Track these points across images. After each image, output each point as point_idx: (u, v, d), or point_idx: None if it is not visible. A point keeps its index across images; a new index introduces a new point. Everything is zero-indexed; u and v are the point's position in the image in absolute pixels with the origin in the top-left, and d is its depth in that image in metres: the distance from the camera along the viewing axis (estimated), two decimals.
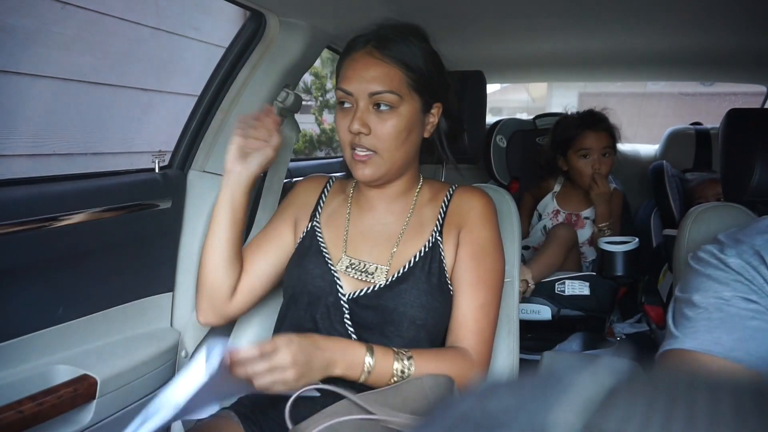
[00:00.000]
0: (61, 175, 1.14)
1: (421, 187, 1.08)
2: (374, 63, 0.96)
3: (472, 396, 0.22)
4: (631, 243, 1.88)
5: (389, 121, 0.96)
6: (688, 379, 0.20)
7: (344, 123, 0.97)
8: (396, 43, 0.97)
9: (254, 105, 1.30)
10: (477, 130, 1.39)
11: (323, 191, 1.12)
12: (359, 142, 0.96)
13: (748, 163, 1.02)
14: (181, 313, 1.31)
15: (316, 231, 1.06)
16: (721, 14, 1.45)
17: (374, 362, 0.88)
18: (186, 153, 1.34)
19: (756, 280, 0.73)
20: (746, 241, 0.77)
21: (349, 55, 0.99)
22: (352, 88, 0.96)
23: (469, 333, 0.96)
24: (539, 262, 1.80)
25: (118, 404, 1.09)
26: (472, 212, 1.02)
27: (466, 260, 0.99)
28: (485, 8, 1.44)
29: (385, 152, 0.97)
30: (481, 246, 1.00)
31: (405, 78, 0.97)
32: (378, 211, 1.06)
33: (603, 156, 1.96)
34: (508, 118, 2.53)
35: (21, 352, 0.99)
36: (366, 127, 0.95)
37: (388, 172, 1.00)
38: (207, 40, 2.69)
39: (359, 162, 0.97)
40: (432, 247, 1.01)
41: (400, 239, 1.02)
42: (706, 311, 0.75)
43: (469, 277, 0.98)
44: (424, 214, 1.05)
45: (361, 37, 1.00)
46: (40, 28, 2.03)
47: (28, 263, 0.99)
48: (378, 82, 0.95)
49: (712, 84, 3.93)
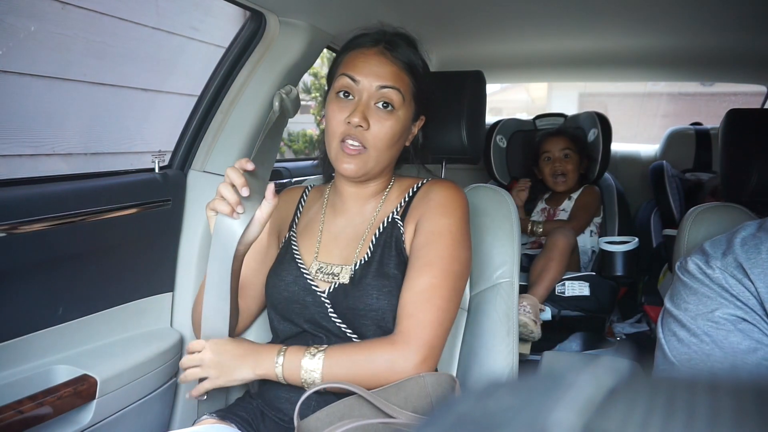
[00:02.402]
0: (61, 175, 1.14)
1: (391, 187, 1.08)
2: (386, 62, 0.97)
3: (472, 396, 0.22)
4: (631, 243, 1.89)
5: (388, 121, 0.97)
6: (688, 379, 0.20)
7: (342, 114, 0.96)
8: (405, 49, 1.00)
9: (254, 105, 1.31)
10: (477, 130, 1.39)
11: (300, 201, 1.14)
12: (354, 134, 0.96)
13: (748, 163, 1.02)
14: (181, 313, 1.31)
15: (291, 240, 1.07)
16: (722, 14, 1.45)
17: (283, 360, 0.91)
18: (186, 153, 1.34)
19: (742, 295, 0.72)
20: (730, 252, 0.76)
21: (358, 49, 0.99)
22: (362, 76, 0.96)
23: (405, 317, 0.90)
24: (543, 283, 1.83)
25: (118, 404, 1.09)
26: (432, 202, 1.00)
27: (417, 247, 0.96)
28: (485, 8, 1.44)
29: (375, 150, 0.97)
30: (435, 232, 0.96)
31: (410, 84, 0.99)
32: (350, 213, 1.07)
33: (565, 158, 2.18)
34: (508, 118, 2.53)
35: (21, 352, 0.99)
36: (366, 122, 0.95)
37: (371, 171, 1.00)
38: (207, 40, 2.69)
39: (348, 155, 0.97)
40: (390, 226, 1.01)
41: (366, 237, 1.03)
42: (697, 337, 0.74)
43: (416, 263, 0.94)
44: (389, 209, 1.05)
45: (368, 35, 1.00)
46: (40, 28, 2.03)
47: (28, 263, 0.99)
48: (388, 78, 0.96)
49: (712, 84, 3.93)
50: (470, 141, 1.36)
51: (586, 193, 2.19)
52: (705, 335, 0.73)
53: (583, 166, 2.22)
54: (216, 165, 1.33)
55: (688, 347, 0.75)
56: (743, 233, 0.78)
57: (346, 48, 1.02)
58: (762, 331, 0.71)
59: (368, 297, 0.95)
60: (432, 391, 0.88)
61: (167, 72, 2.65)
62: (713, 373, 0.21)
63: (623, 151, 2.78)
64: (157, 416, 1.22)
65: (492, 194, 1.18)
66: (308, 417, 0.87)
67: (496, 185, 1.34)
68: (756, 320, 0.71)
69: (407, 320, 0.90)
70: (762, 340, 0.71)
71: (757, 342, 0.71)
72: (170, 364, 1.24)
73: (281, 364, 0.91)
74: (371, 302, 0.94)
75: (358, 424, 0.83)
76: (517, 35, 1.78)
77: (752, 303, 0.72)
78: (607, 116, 2.31)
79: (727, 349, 0.72)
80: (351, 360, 0.89)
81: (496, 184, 2.06)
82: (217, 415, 0.97)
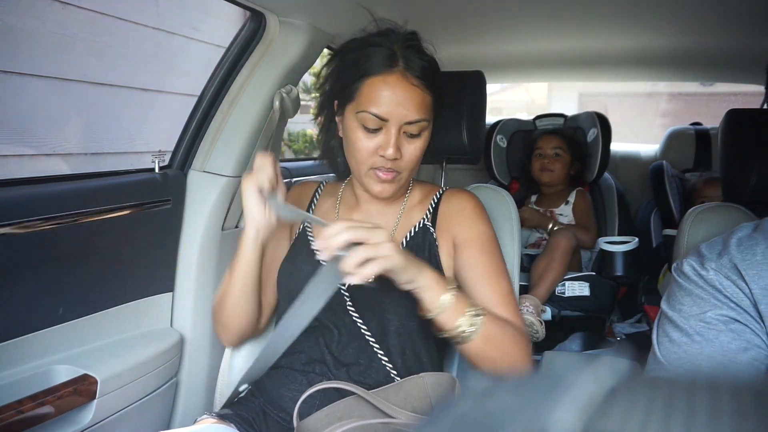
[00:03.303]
0: (61, 175, 1.14)
1: (411, 191, 1.09)
2: (410, 89, 0.92)
3: (472, 396, 0.22)
4: (631, 243, 1.89)
5: (416, 143, 0.96)
6: (687, 379, 0.20)
7: (371, 145, 0.94)
8: (423, 65, 0.95)
9: (254, 105, 1.31)
10: (477, 130, 1.39)
11: (314, 195, 1.13)
12: (389, 166, 0.95)
13: (748, 163, 1.02)
14: (181, 313, 1.31)
15: (307, 232, 1.07)
16: (722, 14, 1.45)
17: (453, 297, 0.85)
18: (186, 153, 1.34)
19: (735, 296, 0.73)
20: (725, 253, 0.76)
21: (376, 76, 0.93)
22: (389, 114, 0.92)
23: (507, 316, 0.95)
24: (545, 284, 1.83)
25: (118, 404, 1.09)
26: (465, 212, 1.02)
27: (477, 255, 0.99)
28: (485, 8, 1.44)
29: (408, 172, 0.98)
30: (485, 239, 1.01)
31: (432, 102, 0.97)
32: (368, 213, 1.07)
33: (555, 156, 2.21)
34: (508, 118, 2.53)
35: (21, 352, 0.99)
36: (399, 153, 0.94)
37: (403, 187, 1.03)
38: (207, 40, 2.69)
39: (382, 182, 0.96)
40: (421, 231, 1.02)
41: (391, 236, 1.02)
42: (689, 337, 0.75)
43: (487, 270, 0.98)
44: (414, 216, 1.06)
45: (378, 53, 0.93)
46: (40, 28, 2.03)
47: (28, 263, 0.99)
48: (415, 110, 0.93)
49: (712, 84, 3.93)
50: (470, 141, 1.37)
51: (583, 199, 2.20)
52: (697, 335, 0.74)
53: (573, 168, 2.22)
54: (216, 165, 1.33)
55: (678, 347, 0.76)
56: (739, 234, 0.78)
57: (362, 74, 0.94)
58: (754, 331, 0.71)
59: (395, 293, 0.93)
60: (431, 392, 0.88)
61: (167, 72, 2.65)
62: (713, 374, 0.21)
63: (623, 151, 2.78)
64: (157, 416, 1.22)
65: (492, 194, 1.18)
66: (307, 417, 0.87)
67: (497, 185, 1.34)
68: (748, 321, 0.72)
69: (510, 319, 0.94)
70: (753, 341, 0.71)
71: (748, 342, 0.71)
72: (170, 364, 1.24)
73: (451, 297, 0.85)
74: (398, 300, 0.95)
75: (358, 424, 0.83)
76: (517, 35, 1.78)
77: (745, 304, 0.72)
78: (607, 116, 2.31)
79: (717, 347, 0.72)
80: (503, 328, 0.89)
81: (496, 184, 2.06)
82: (217, 415, 0.97)
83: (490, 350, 0.87)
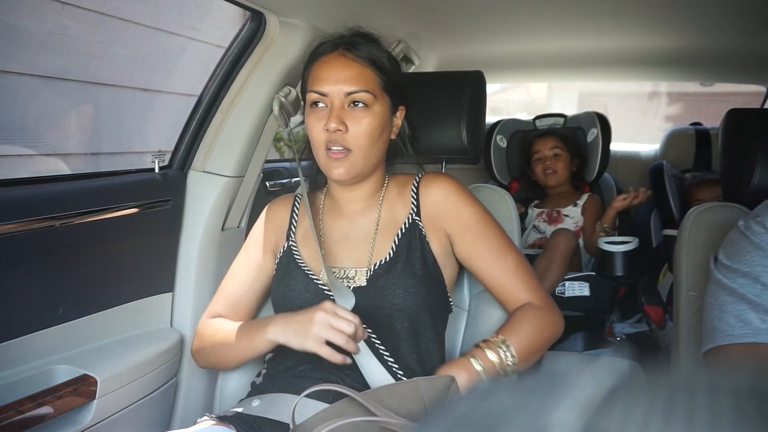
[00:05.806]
0: (61, 175, 1.15)
1: (387, 185, 1.09)
2: (348, 64, 0.98)
3: (472, 396, 0.22)
4: (631, 243, 1.89)
5: (365, 119, 0.97)
6: (687, 379, 0.20)
7: (319, 123, 0.98)
8: (365, 46, 1.00)
9: (254, 105, 1.31)
10: (477, 130, 1.39)
11: (293, 209, 1.12)
12: (335, 139, 0.97)
13: (748, 163, 1.02)
14: (181, 313, 1.31)
15: (292, 249, 1.06)
16: (722, 15, 1.45)
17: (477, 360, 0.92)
18: (186, 153, 1.34)
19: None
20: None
21: (319, 59, 1.01)
22: (328, 89, 0.97)
23: (523, 291, 1.00)
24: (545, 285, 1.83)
25: (118, 404, 1.09)
26: (449, 199, 1.03)
27: (478, 237, 1.01)
28: (485, 8, 1.44)
29: (360, 150, 0.98)
30: (480, 220, 1.02)
31: (377, 78, 0.99)
32: (350, 215, 1.07)
33: (554, 156, 2.20)
34: (508, 119, 2.52)
35: (21, 352, 0.99)
36: (343, 125, 0.96)
37: (362, 171, 1.01)
38: (207, 40, 2.69)
39: (335, 160, 0.98)
40: (411, 228, 1.02)
41: (375, 237, 1.03)
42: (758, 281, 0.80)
43: (492, 251, 1.01)
44: (395, 209, 1.06)
45: (326, 42, 1.02)
46: (40, 28, 2.03)
47: (28, 263, 0.99)
48: (353, 81, 0.97)
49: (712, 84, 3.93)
50: (470, 141, 1.36)
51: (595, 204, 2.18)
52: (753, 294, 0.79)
53: (574, 165, 2.23)
54: (216, 165, 1.33)
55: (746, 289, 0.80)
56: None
57: (309, 60, 1.03)
58: None
59: (394, 297, 0.96)
60: (425, 395, 0.88)
61: (167, 72, 2.65)
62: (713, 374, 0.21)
63: (623, 151, 2.78)
64: (157, 416, 1.22)
65: (492, 194, 1.18)
66: (303, 421, 0.87)
67: (497, 185, 1.34)
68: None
69: (529, 292, 1.00)
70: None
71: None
72: (170, 364, 1.24)
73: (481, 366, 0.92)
74: (398, 302, 0.95)
75: (347, 422, 0.83)
76: (517, 35, 1.78)
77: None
78: (607, 116, 2.31)
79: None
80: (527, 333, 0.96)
81: (496, 184, 2.07)
82: (217, 417, 0.97)
83: (532, 357, 0.98)
